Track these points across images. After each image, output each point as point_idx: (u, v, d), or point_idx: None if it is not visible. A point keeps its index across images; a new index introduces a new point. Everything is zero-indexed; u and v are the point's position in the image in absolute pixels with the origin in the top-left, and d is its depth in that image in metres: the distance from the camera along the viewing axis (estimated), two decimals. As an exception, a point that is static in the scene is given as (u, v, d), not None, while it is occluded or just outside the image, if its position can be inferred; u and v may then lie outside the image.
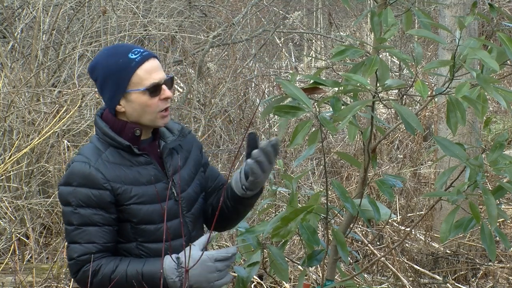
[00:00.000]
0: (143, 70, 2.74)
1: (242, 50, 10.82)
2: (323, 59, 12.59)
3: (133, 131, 2.78)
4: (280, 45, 13.12)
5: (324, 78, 3.48)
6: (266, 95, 9.55)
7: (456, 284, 6.42)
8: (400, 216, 7.28)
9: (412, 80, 2.75)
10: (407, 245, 6.84)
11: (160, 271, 2.66)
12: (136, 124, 2.79)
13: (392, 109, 8.13)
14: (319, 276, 4.50)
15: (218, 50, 10.95)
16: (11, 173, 6.64)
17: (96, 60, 2.81)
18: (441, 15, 7.39)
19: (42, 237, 6.69)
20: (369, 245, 6.33)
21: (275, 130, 9.16)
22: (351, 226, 3.10)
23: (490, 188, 2.77)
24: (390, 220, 6.90)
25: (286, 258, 3.15)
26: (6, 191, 6.64)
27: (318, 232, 4.50)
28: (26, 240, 6.51)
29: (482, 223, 2.77)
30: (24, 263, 6.30)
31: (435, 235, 7.03)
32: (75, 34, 8.56)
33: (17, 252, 6.30)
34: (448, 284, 6.36)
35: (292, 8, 13.44)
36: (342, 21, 15.05)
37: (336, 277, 3.55)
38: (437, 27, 3.04)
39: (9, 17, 8.30)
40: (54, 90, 7.51)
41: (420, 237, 7.08)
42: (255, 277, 5.54)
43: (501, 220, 7.06)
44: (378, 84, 2.78)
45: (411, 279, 6.34)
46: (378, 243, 6.80)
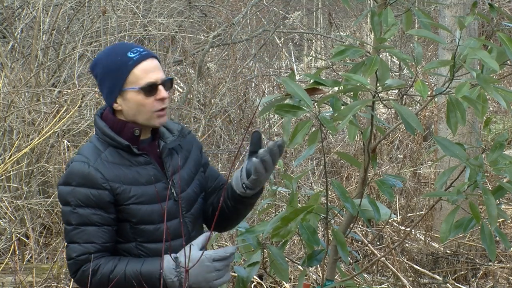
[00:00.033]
0: (140, 69, 2.75)
1: (242, 50, 10.82)
2: (323, 59, 12.59)
3: (132, 131, 2.78)
4: (280, 45, 13.11)
5: (324, 78, 3.48)
6: (266, 95, 9.55)
7: (456, 284, 6.42)
8: (400, 216, 7.28)
9: (412, 80, 2.75)
10: (407, 245, 6.84)
11: (159, 271, 2.66)
12: (135, 124, 2.79)
13: (392, 109, 8.13)
14: (319, 276, 4.50)
15: (218, 50, 10.95)
16: (11, 173, 6.63)
17: (98, 57, 2.84)
18: (441, 15, 7.39)
19: (42, 237, 6.69)
20: (369, 245, 6.33)
21: (275, 130, 9.16)
22: (351, 226, 3.10)
23: (490, 188, 2.77)
24: (390, 220, 6.90)
25: (286, 258, 3.15)
26: (6, 191, 6.64)
27: (318, 232, 4.50)
28: (26, 240, 6.50)
29: (482, 223, 2.77)
30: (24, 263, 6.30)
31: (435, 235, 7.03)
32: (75, 34, 8.56)
33: (17, 252, 6.29)
34: (448, 284, 6.36)
35: (292, 8, 13.43)
36: (342, 21, 15.04)
37: (336, 277, 3.55)
38: (437, 27, 3.04)
39: (9, 17, 8.29)
40: (54, 90, 7.51)
41: (420, 237, 7.08)
42: (255, 277, 5.54)
43: (501, 220, 7.06)
44: (378, 84, 2.78)
45: (411, 279, 6.33)
46: (378, 243, 6.80)
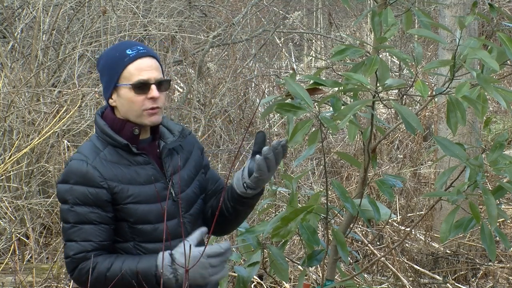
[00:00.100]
0: (134, 66, 2.77)
1: (242, 50, 10.81)
2: (323, 59, 12.59)
3: (131, 130, 2.79)
4: (280, 45, 13.11)
5: (324, 78, 3.48)
6: (266, 95, 9.54)
7: (456, 284, 6.42)
8: (400, 216, 7.28)
9: (412, 80, 2.75)
10: (407, 245, 6.84)
11: (155, 268, 2.67)
12: (132, 122, 2.80)
13: (392, 109, 8.13)
14: (319, 276, 4.50)
15: (218, 50, 10.95)
16: (11, 173, 6.63)
17: (103, 52, 2.90)
18: (441, 15, 7.39)
19: (42, 237, 6.69)
20: (369, 245, 6.33)
21: (275, 130, 9.16)
22: (351, 226, 3.10)
23: (490, 188, 2.78)
24: (390, 220, 6.90)
25: (286, 258, 3.15)
26: (6, 191, 6.64)
27: (318, 232, 4.50)
28: (26, 240, 6.50)
29: (482, 223, 2.77)
30: (24, 263, 6.30)
31: (435, 235, 7.03)
32: (75, 34, 8.56)
33: (17, 252, 6.29)
34: (448, 284, 6.36)
35: (292, 8, 13.43)
36: (342, 21, 15.04)
37: (336, 277, 3.56)
38: (437, 27, 3.04)
39: (9, 17, 8.29)
40: (54, 90, 7.50)
41: (420, 237, 7.08)
42: (255, 277, 5.54)
43: (501, 220, 7.06)
44: (378, 84, 2.78)
45: (411, 279, 6.33)
46: (378, 243, 6.80)
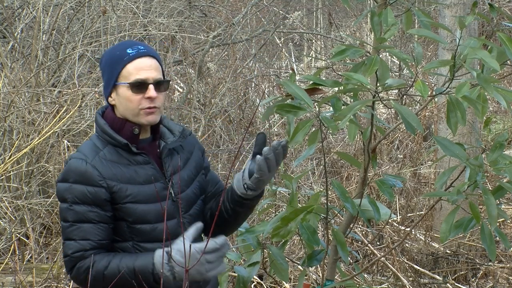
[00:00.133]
0: (133, 65, 2.79)
1: (242, 50, 10.81)
2: (323, 59, 12.58)
3: (131, 130, 2.80)
4: (280, 45, 13.11)
5: (324, 78, 3.48)
6: (266, 95, 9.55)
7: (456, 284, 6.42)
8: (400, 216, 7.28)
9: (412, 80, 2.75)
10: (407, 245, 6.84)
11: (152, 266, 2.67)
12: (132, 122, 2.80)
13: (392, 109, 8.13)
14: (319, 276, 4.50)
15: (218, 50, 10.94)
16: (11, 173, 6.63)
17: (106, 50, 2.92)
18: (441, 15, 7.39)
19: (42, 237, 6.69)
20: (369, 245, 6.33)
21: (275, 130, 9.16)
22: (351, 226, 3.10)
23: (490, 188, 2.78)
24: (390, 220, 6.90)
25: (286, 258, 3.15)
26: (6, 191, 6.64)
27: (318, 232, 4.50)
28: (26, 240, 6.50)
29: (482, 223, 2.77)
30: (24, 263, 6.30)
31: (435, 235, 7.03)
32: (75, 34, 8.56)
33: (17, 252, 6.29)
34: (448, 284, 6.36)
35: (292, 8, 13.43)
36: (342, 21, 15.04)
37: (336, 277, 3.55)
38: (437, 26, 3.04)
39: (9, 17, 8.29)
40: (54, 90, 7.50)
41: (420, 237, 7.08)
42: (255, 277, 5.54)
43: (501, 220, 7.06)
44: (378, 84, 2.78)
45: (411, 279, 6.33)
46: (378, 243, 6.80)
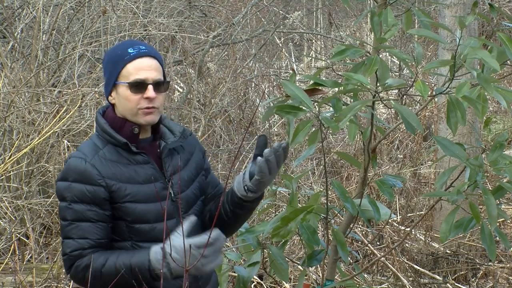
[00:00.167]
0: (133, 65, 2.79)
1: (242, 50, 10.81)
2: (323, 59, 12.58)
3: (131, 129, 2.80)
4: (280, 45, 13.11)
5: (324, 78, 3.48)
6: (266, 95, 9.55)
7: (456, 284, 6.42)
8: (400, 216, 7.28)
9: (412, 80, 2.75)
10: (407, 245, 6.84)
11: (148, 262, 2.67)
12: (132, 122, 2.81)
13: (392, 109, 8.12)
14: (319, 276, 4.50)
15: (218, 50, 10.94)
16: (11, 173, 6.63)
17: (109, 49, 2.89)
18: (441, 15, 7.39)
19: (42, 237, 6.68)
20: (369, 245, 6.33)
21: (275, 130, 9.16)
22: (351, 226, 3.10)
23: (490, 188, 2.78)
24: (390, 220, 6.90)
25: (286, 258, 3.15)
26: (6, 191, 6.64)
27: (318, 232, 4.50)
28: (26, 240, 6.50)
29: (482, 223, 2.77)
30: (24, 263, 6.30)
31: (435, 235, 7.03)
32: (75, 34, 8.56)
33: (17, 252, 6.29)
34: (448, 284, 6.36)
35: (292, 8, 13.43)
36: (342, 21, 15.04)
37: (336, 277, 3.56)
38: (437, 26, 3.04)
39: (9, 17, 8.29)
40: (54, 90, 7.50)
41: (420, 237, 7.08)
42: (255, 277, 5.54)
43: (501, 220, 7.06)
44: (378, 84, 2.78)
45: (411, 279, 6.33)
46: (378, 243, 6.80)
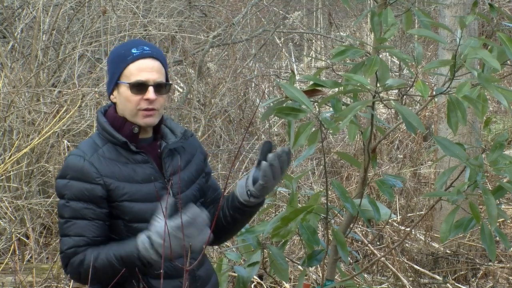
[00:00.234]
0: (136, 66, 2.80)
1: (242, 50, 10.81)
2: (323, 59, 12.58)
3: (131, 129, 2.81)
4: (280, 45, 13.11)
5: (324, 79, 3.48)
6: (266, 95, 9.55)
7: (456, 284, 6.42)
8: (400, 216, 7.28)
9: (412, 80, 2.76)
10: (407, 245, 6.84)
11: (137, 251, 2.67)
12: (132, 122, 2.81)
13: (392, 109, 8.13)
14: (319, 276, 4.50)
15: (218, 50, 10.94)
16: (11, 173, 6.63)
17: (113, 48, 2.96)
18: (441, 15, 7.39)
19: (42, 237, 6.68)
20: (369, 245, 6.33)
21: (275, 130, 9.16)
22: (351, 226, 3.10)
23: (490, 188, 2.78)
24: (390, 220, 6.90)
25: (286, 258, 3.15)
26: (6, 191, 6.63)
27: (318, 232, 4.50)
28: (26, 240, 6.50)
29: (482, 223, 2.77)
30: (24, 263, 6.30)
31: (435, 235, 7.03)
32: (75, 34, 8.56)
33: (17, 252, 6.29)
34: (448, 284, 6.36)
35: (292, 8, 13.43)
36: (342, 21, 15.04)
37: (336, 277, 3.56)
38: (438, 26, 3.04)
39: (9, 17, 8.29)
40: (54, 90, 7.50)
41: (420, 237, 7.08)
42: (255, 277, 5.54)
43: (501, 220, 7.06)
44: (378, 84, 2.78)
45: (411, 279, 6.33)
46: (378, 243, 6.80)
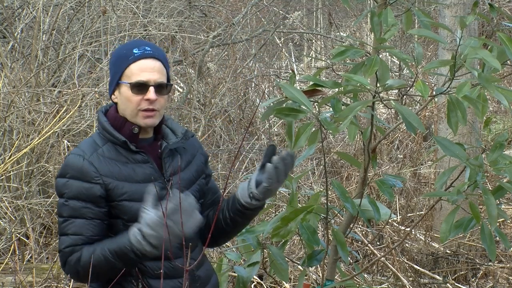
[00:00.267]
0: (137, 66, 2.81)
1: (242, 50, 10.81)
2: (323, 59, 12.58)
3: (131, 129, 2.81)
4: (280, 45, 13.11)
5: (324, 79, 3.49)
6: (266, 95, 9.55)
7: (456, 284, 6.42)
8: (400, 216, 7.28)
9: (412, 80, 2.76)
10: (407, 245, 6.84)
11: (130, 243, 2.66)
12: (132, 122, 2.82)
13: (392, 109, 8.13)
14: (319, 276, 4.50)
15: (218, 50, 10.94)
16: (11, 173, 6.63)
17: (116, 48, 2.90)
18: (441, 15, 7.39)
19: (42, 237, 6.68)
20: (369, 245, 6.33)
21: (275, 130, 9.16)
22: (351, 226, 3.10)
23: (490, 188, 2.78)
24: (390, 220, 6.90)
25: (286, 258, 3.15)
26: (6, 191, 6.63)
27: (318, 232, 4.50)
28: (26, 240, 6.50)
29: (482, 223, 2.77)
30: (24, 263, 6.30)
31: (435, 235, 7.03)
32: (75, 34, 8.56)
33: (17, 252, 6.29)
34: (448, 284, 6.36)
35: (292, 8, 13.43)
36: (342, 21, 15.04)
37: (336, 277, 3.56)
38: (438, 26, 3.04)
39: (9, 17, 8.29)
40: (54, 90, 7.50)
41: (420, 237, 7.08)
42: (255, 277, 5.54)
43: (501, 220, 7.06)
44: (378, 84, 2.78)
45: (411, 279, 6.34)
46: (378, 243, 6.80)
